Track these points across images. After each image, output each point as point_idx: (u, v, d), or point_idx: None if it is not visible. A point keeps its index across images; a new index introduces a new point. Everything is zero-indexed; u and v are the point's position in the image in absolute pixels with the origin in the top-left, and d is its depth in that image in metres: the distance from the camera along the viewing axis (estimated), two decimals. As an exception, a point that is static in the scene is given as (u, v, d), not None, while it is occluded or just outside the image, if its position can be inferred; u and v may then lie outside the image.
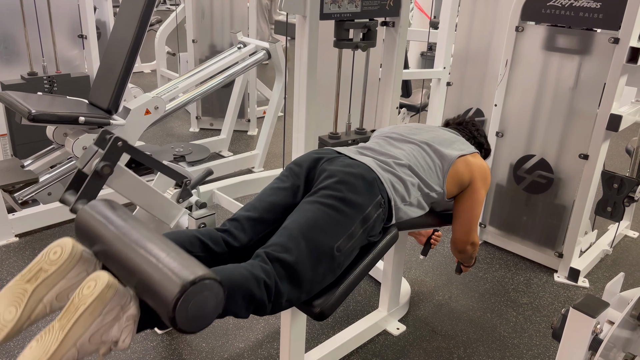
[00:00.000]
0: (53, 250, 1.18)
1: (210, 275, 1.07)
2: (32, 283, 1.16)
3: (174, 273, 1.06)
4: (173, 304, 1.02)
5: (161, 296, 1.04)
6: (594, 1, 2.29)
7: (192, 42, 4.21)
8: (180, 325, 1.05)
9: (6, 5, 3.25)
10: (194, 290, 1.03)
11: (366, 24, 2.08)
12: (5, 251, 2.61)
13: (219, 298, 1.10)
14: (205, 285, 1.06)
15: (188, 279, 1.03)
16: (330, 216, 1.45)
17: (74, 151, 2.68)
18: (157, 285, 1.06)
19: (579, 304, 1.07)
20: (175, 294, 1.02)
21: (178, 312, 1.03)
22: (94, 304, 1.08)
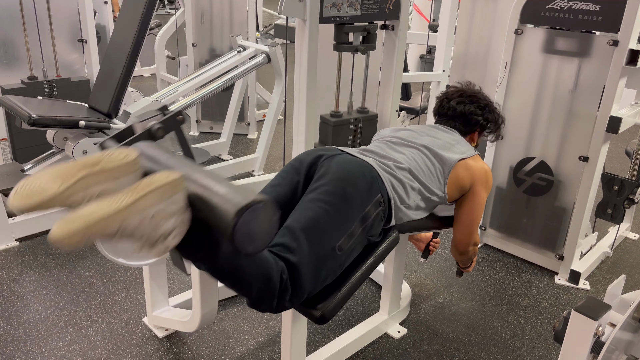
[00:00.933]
0: (119, 152, 1.18)
1: (271, 201, 1.14)
2: (87, 169, 1.13)
3: (239, 192, 1.11)
4: (238, 214, 1.06)
5: (227, 206, 1.08)
6: (593, 4, 2.29)
7: (192, 45, 4.22)
8: (239, 238, 1.07)
9: (6, 10, 3.25)
10: (257, 206, 1.08)
11: (366, 27, 2.08)
12: (5, 255, 2.61)
13: (272, 223, 1.14)
14: (267, 206, 1.11)
15: (254, 197, 1.09)
16: (331, 215, 1.45)
17: (74, 155, 2.68)
18: (224, 196, 1.10)
19: (580, 306, 1.06)
20: (242, 206, 1.06)
21: (240, 224, 1.06)
22: (167, 186, 1.10)
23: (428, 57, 6.22)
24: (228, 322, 2.21)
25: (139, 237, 1.09)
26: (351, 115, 2.19)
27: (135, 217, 1.07)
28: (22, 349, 2.01)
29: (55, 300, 2.30)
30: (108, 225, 1.03)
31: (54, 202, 1.08)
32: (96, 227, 1.02)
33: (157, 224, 1.09)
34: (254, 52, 3.52)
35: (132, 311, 2.25)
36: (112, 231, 1.04)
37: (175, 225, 1.12)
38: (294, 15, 1.92)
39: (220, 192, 1.12)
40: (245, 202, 1.07)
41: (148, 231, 1.09)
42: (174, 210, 1.12)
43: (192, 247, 1.20)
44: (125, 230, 1.06)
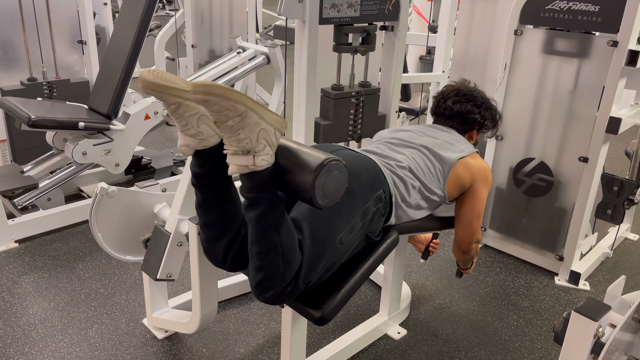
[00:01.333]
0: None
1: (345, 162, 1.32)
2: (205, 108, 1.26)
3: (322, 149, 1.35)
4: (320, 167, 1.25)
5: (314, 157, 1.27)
6: (593, 4, 2.29)
7: (192, 47, 4.22)
8: (317, 188, 1.25)
9: (6, 12, 3.25)
10: (335, 162, 1.28)
11: (365, 28, 2.08)
12: (4, 257, 2.60)
13: (344, 179, 1.32)
14: (343, 165, 1.31)
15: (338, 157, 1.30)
16: (334, 208, 1.45)
17: (73, 156, 2.68)
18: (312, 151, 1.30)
19: (580, 307, 1.06)
20: (323, 159, 1.26)
21: (321, 175, 1.25)
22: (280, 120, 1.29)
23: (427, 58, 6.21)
24: (228, 324, 2.21)
25: (244, 136, 1.23)
26: (353, 88, 2.16)
27: (254, 117, 1.22)
28: (21, 351, 2.01)
29: (54, 301, 2.29)
30: (240, 102, 1.19)
31: (177, 96, 1.23)
32: (234, 95, 1.18)
33: (261, 137, 1.25)
34: (254, 53, 3.53)
35: (132, 312, 2.25)
36: (237, 111, 1.20)
37: (268, 153, 1.27)
38: (293, 16, 1.92)
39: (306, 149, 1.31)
40: (327, 157, 1.26)
41: (253, 137, 1.23)
42: (273, 142, 1.28)
43: (268, 179, 1.29)
44: (243, 121, 1.21)
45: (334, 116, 2.12)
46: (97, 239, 1.98)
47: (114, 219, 1.99)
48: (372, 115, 2.24)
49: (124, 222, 2.02)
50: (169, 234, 1.89)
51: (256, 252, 1.34)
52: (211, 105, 1.18)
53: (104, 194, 1.91)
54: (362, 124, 2.21)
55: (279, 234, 1.32)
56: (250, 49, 3.53)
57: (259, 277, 1.35)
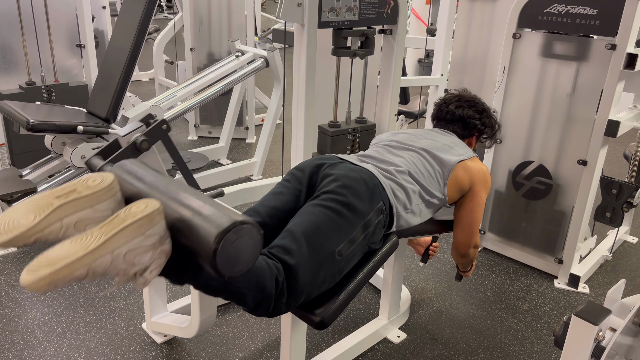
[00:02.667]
0: (93, 178, 1.14)
1: (254, 222, 1.09)
2: (61, 200, 1.10)
3: (219, 214, 1.06)
4: (218, 240, 1.02)
5: (205, 235, 1.04)
6: (591, 8, 2.30)
7: (190, 50, 4.22)
8: (220, 264, 1.04)
9: (4, 15, 3.25)
10: (238, 230, 1.04)
11: (364, 31, 2.08)
12: (3, 261, 2.60)
13: (257, 245, 1.10)
14: (249, 229, 1.07)
15: (234, 219, 1.04)
16: (333, 220, 1.45)
17: (72, 160, 2.67)
18: (200, 225, 1.06)
19: (581, 311, 1.06)
20: (223, 229, 1.02)
21: (221, 250, 1.02)
22: (142, 221, 1.06)
23: (426, 61, 6.23)
24: (227, 328, 2.21)
25: (112, 275, 1.06)
26: (349, 125, 2.21)
27: (104, 258, 1.03)
28: (20, 356, 2.00)
29: (53, 306, 2.29)
30: (75, 270, 1.00)
31: (30, 236, 1.05)
32: (63, 273, 0.98)
33: (130, 262, 1.06)
34: (253, 56, 3.53)
35: (131, 317, 2.24)
36: (81, 275, 1.01)
37: (152, 259, 1.09)
38: (292, 20, 1.92)
39: (201, 215, 1.07)
40: (226, 224, 1.02)
41: (121, 270, 1.05)
42: (150, 244, 1.08)
43: (176, 271, 1.18)
44: (95, 272, 1.02)
45: (331, 152, 2.17)
46: None
47: None
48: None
49: None
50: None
51: (224, 298, 1.33)
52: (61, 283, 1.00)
53: None
54: None
55: (231, 286, 1.26)
56: (249, 52, 3.53)
57: (242, 307, 1.35)
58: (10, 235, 1.04)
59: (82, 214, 1.10)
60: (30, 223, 1.05)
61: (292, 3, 1.89)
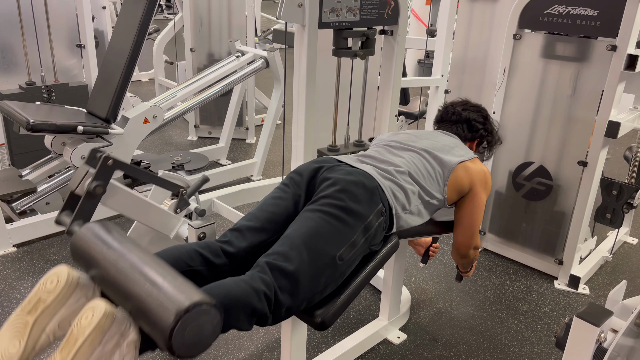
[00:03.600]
0: (49, 280, 1.18)
1: (206, 300, 1.06)
2: (33, 314, 1.16)
3: (169, 300, 1.05)
4: (169, 333, 1.01)
5: (157, 324, 1.04)
6: (591, 9, 2.30)
7: (190, 50, 4.22)
8: (178, 353, 1.04)
9: (4, 15, 3.25)
10: (189, 316, 1.03)
11: (365, 32, 2.08)
12: (3, 262, 2.59)
13: (215, 323, 1.09)
14: (202, 311, 1.05)
15: (183, 305, 1.03)
16: (332, 225, 1.45)
17: (72, 160, 2.67)
18: (152, 313, 1.05)
19: (582, 312, 1.06)
20: (171, 322, 1.01)
21: (175, 340, 1.02)
22: (92, 335, 1.07)
23: (426, 61, 6.23)
24: (227, 328, 2.20)
25: None
26: (348, 148, 2.23)
27: None
28: None
29: (53, 306, 2.28)
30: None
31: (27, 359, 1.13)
32: None
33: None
34: (253, 57, 3.52)
35: (131, 317, 2.24)
36: None
37: (122, 356, 1.10)
38: (293, 21, 1.92)
39: (154, 300, 1.06)
40: (174, 316, 1.01)
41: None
42: (113, 345, 1.09)
43: (153, 346, 1.18)
44: None
45: None
46: None
47: None
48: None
49: None
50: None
51: None
52: None
53: None
54: None
55: (225, 326, 1.22)
56: (249, 52, 3.53)
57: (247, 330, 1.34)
58: None
59: (59, 316, 1.16)
60: (19, 350, 1.13)
61: (293, 3, 1.89)
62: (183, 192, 2.04)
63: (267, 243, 1.50)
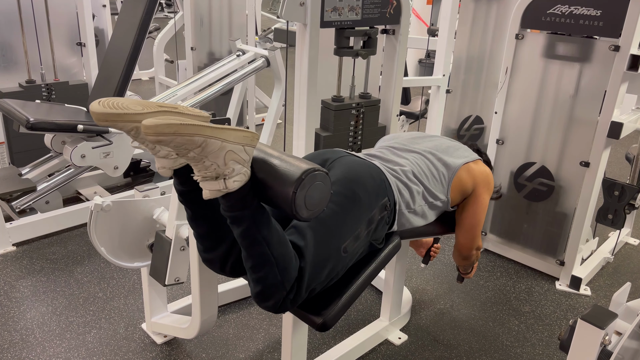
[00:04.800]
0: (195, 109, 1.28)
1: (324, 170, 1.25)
2: (164, 107, 1.22)
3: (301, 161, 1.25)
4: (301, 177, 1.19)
5: (291, 170, 1.21)
6: (594, 9, 2.29)
7: (191, 49, 4.21)
8: (299, 196, 1.19)
9: (4, 14, 3.24)
10: (315, 173, 1.22)
11: (366, 31, 2.07)
12: (2, 260, 2.58)
13: (327, 192, 1.26)
14: (326, 176, 1.25)
15: (317, 166, 1.23)
16: (339, 215, 1.44)
17: (72, 159, 2.66)
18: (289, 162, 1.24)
19: (587, 315, 1.05)
20: (307, 169, 1.20)
21: (300, 188, 1.19)
22: (248, 134, 1.22)
23: (427, 61, 6.22)
24: (227, 329, 2.19)
25: (210, 163, 1.17)
26: (353, 100, 2.16)
27: (216, 142, 1.16)
28: (19, 356, 1.99)
29: (52, 306, 2.27)
30: (197, 133, 1.12)
31: (132, 121, 1.18)
32: (189, 130, 1.11)
33: (226, 161, 1.19)
34: (253, 56, 3.51)
35: (131, 317, 2.23)
36: (198, 141, 1.13)
37: (239, 172, 1.21)
38: (294, 20, 1.91)
39: (286, 159, 1.26)
40: (308, 167, 1.20)
41: (220, 161, 1.18)
42: (244, 158, 1.22)
43: (245, 198, 1.25)
44: (205, 149, 1.15)
45: (334, 127, 2.12)
46: (101, 253, 1.95)
47: (114, 231, 1.96)
48: (372, 126, 2.24)
49: (125, 232, 1.99)
50: (170, 240, 1.88)
51: (250, 266, 1.32)
52: (166, 143, 1.12)
53: (98, 209, 1.88)
54: (362, 135, 2.21)
55: (269, 246, 1.29)
56: (250, 51, 3.52)
57: (257, 288, 1.33)
58: (117, 111, 1.17)
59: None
60: (138, 110, 1.18)
61: (295, 2, 1.87)
62: None
63: None
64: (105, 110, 1.16)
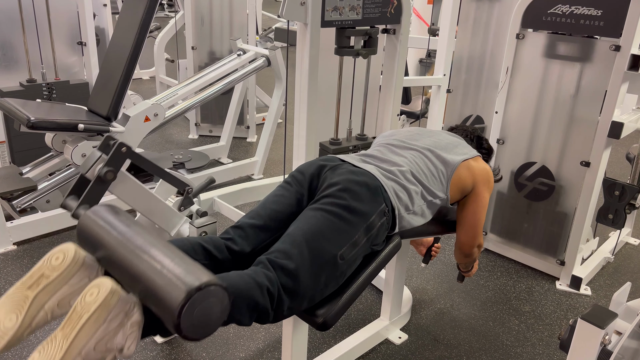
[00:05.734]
0: (55, 256, 1.16)
1: (216, 282, 1.05)
2: (34, 290, 1.14)
3: (179, 279, 1.03)
4: (178, 310, 0.99)
5: (166, 302, 1.02)
6: (595, 9, 2.29)
7: (192, 49, 4.21)
8: (185, 332, 1.02)
9: (5, 12, 3.24)
10: (199, 296, 1.01)
11: (367, 31, 2.07)
12: (3, 259, 2.59)
13: (224, 304, 1.08)
14: (211, 292, 1.04)
15: (194, 284, 1.01)
16: (334, 224, 1.44)
17: (73, 158, 2.66)
18: (161, 291, 1.03)
19: (587, 314, 1.05)
20: (181, 300, 1.00)
21: (183, 319, 1.00)
22: (97, 312, 1.06)
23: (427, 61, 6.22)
24: (228, 328, 2.20)
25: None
26: (350, 142, 2.21)
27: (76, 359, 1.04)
28: (19, 355, 1.99)
29: (53, 305, 2.27)
30: None
31: (21, 336, 1.10)
32: None
33: (103, 350, 1.07)
34: (254, 55, 3.51)
35: (131, 316, 2.23)
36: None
37: (125, 336, 1.09)
38: (295, 19, 1.91)
39: (163, 279, 1.05)
40: (184, 294, 1.00)
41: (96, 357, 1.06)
42: (116, 325, 1.08)
43: (157, 331, 1.18)
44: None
45: None
46: None
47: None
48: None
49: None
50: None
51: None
52: None
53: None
54: None
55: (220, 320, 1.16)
56: (250, 51, 3.52)
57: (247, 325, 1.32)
58: (2, 342, 1.08)
59: (60, 294, 1.14)
60: (15, 325, 1.10)
61: (295, 2, 1.88)
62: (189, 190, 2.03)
63: (269, 241, 1.50)
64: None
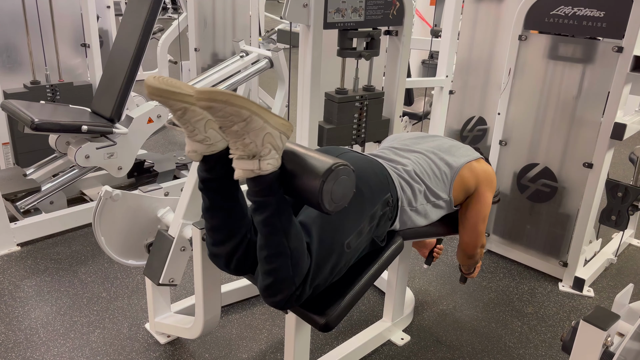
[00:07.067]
0: None
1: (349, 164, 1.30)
2: None
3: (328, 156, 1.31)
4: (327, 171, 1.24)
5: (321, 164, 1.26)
6: (597, 10, 2.29)
7: (195, 50, 4.22)
8: (325, 191, 1.24)
9: (9, 15, 3.25)
10: (343, 167, 1.27)
11: (370, 33, 2.08)
12: (7, 260, 2.60)
13: (352, 183, 1.32)
14: (350, 170, 1.30)
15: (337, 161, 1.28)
16: (343, 211, 1.45)
17: (76, 160, 2.67)
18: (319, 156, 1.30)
19: (589, 316, 1.05)
20: (331, 164, 1.25)
21: (328, 180, 1.24)
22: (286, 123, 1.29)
23: (430, 62, 6.21)
24: (230, 329, 2.20)
25: (249, 141, 1.22)
26: (357, 92, 2.16)
27: (259, 121, 1.22)
28: (23, 355, 2.00)
29: (56, 305, 2.28)
30: (245, 107, 1.19)
31: (182, 101, 1.24)
32: (237, 101, 1.18)
33: (263, 142, 1.24)
34: (257, 57, 3.52)
35: (134, 317, 2.24)
36: (242, 116, 1.19)
37: (273, 156, 1.26)
38: (297, 21, 1.92)
39: (314, 153, 1.31)
40: (336, 161, 1.26)
41: (258, 141, 1.23)
42: (279, 144, 1.27)
43: (271, 184, 1.29)
44: (249, 125, 1.21)
45: (338, 120, 2.12)
46: (100, 243, 1.97)
47: (117, 223, 1.98)
48: (376, 119, 2.24)
49: (127, 226, 2.01)
50: (172, 238, 1.88)
51: (265, 256, 1.33)
52: (215, 111, 1.17)
53: (108, 197, 1.91)
54: (366, 128, 2.21)
55: (287, 238, 1.31)
56: (253, 52, 3.53)
57: (268, 281, 1.34)
58: (171, 88, 1.23)
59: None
60: (190, 92, 1.23)
61: (298, 4, 1.88)
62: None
63: None
64: (160, 85, 1.22)
